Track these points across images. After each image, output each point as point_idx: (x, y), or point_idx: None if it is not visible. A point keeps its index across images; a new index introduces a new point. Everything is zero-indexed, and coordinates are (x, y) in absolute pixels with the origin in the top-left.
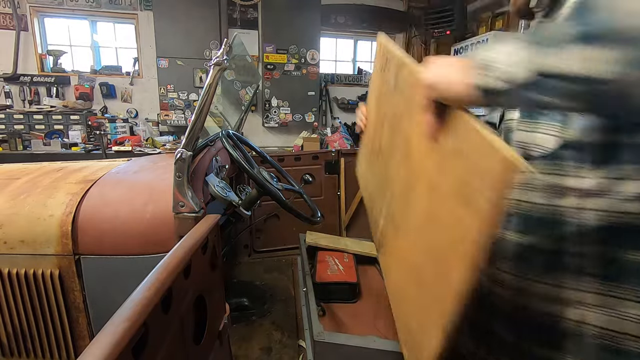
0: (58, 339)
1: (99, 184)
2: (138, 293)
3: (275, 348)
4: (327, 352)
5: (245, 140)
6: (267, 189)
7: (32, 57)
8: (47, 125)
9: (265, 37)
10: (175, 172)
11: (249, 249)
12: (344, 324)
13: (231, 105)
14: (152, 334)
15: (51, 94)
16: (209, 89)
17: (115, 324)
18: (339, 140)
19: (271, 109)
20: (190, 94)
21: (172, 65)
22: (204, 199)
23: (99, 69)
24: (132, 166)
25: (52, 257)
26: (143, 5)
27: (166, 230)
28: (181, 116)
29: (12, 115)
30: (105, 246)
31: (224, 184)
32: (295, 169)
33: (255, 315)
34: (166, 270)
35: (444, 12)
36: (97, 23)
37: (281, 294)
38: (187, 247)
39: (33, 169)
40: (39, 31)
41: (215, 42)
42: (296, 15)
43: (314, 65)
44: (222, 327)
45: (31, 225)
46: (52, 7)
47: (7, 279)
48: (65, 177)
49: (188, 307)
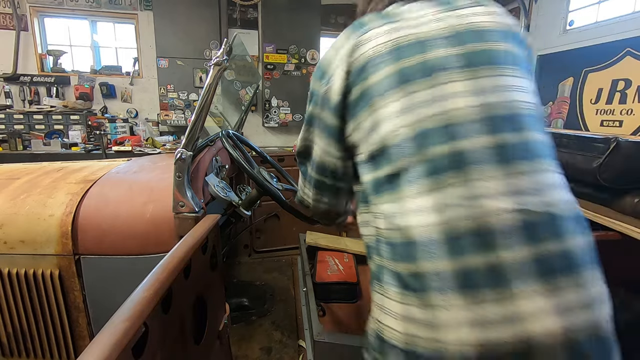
0: (58, 339)
1: (99, 184)
2: (138, 293)
3: (275, 348)
4: (327, 352)
5: (245, 140)
6: (267, 189)
7: (32, 57)
8: (47, 125)
9: (265, 37)
10: (175, 172)
11: (249, 249)
12: (344, 324)
13: (231, 105)
14: (152, 334)
15: (51, 94)
16: (209, 89)
17: (115, 324)
18: None
19: (271, 109)
20: (190, 94)
21: (172, 65)
22: (204, 199)
23: (99, 69)
24: (132, 166)
25: (52, 257)
26: (143, 5)
27: (166, 230)
28: (181, 116)
29: (12, 115)
30: (105, 246)
31: (224, 184)
32: (295, 169)
33: (255, 315)
34: (166, 270)
35: None
36: (97, 23)
37: (281, 294)
38: (187, 247)
39: (33, 169)
40: (39, 31)
41: (215, 42)
42: (296, 15)
43: (314, 65)
44: (222, 327)
45: (31, 225)
46: (52, 7)
47: (7, 279)
48: (65, 177)
49: (188, 307)
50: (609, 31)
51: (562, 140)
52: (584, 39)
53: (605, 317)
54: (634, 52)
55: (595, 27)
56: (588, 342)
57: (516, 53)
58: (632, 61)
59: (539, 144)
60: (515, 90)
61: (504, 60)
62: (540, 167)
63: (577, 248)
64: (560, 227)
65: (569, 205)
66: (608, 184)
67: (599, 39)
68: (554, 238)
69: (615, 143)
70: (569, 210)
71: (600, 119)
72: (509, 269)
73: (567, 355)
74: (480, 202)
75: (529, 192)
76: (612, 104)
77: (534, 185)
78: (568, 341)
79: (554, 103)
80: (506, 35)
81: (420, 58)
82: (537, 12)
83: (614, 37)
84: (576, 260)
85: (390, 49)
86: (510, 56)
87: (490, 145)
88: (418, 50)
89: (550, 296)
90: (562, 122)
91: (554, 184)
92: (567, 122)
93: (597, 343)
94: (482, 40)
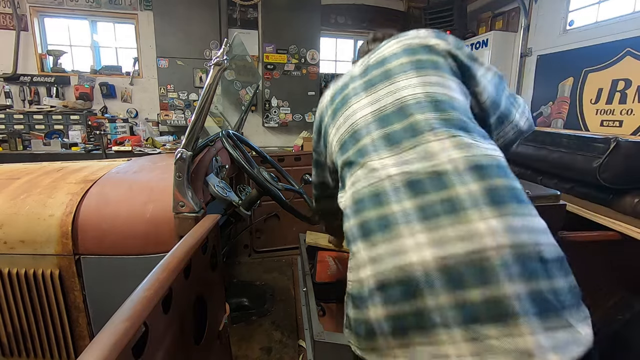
0: (58, 339)
1: (99, 184)
2: (138, 293)
3: (275, 348)
4: (327, 352)
5: (245, 140)
6: (267, 189)
7: (32, 57)
8: (47, 125)
9: (265, 37)
10: (176, 172)
11: (249, 249)
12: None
13: (231, 105)
14: (152, 334)
15: (51, 94)
16: (209, 89)
17: (115, 323)
18: None
19: (271, 109)
20: (190, 94)
21: (172, 65)
22: (204, 199)
23: (99, 69)
24: (132, 166)
25: (52, 257)
26: (143, 5)
27: (166, 230)
28: (181, 116)
29: (12, 115)
30: (105, 246)
31: (224, 184)
32: (295, 169)
33: (255, 315)
34: (166, 270)
35: (444, 12)
36: (97, 23)
37: (281, 294)
38: (187, 247)
39: (33, 169)
40: (39, 31)
41: (215, 42)
42: (296, 15)
43: (314, 65)
44: (222, 327)
45: (31, 225)
46: (52, 7)
47: (7, 279)
48: (65, 177)
49: (188, 307)
50: (609, 31)
51: (562, 140)
52: (584, 39)
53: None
54: (634, 52)
55: (595, 27)
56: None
57: (423, 60)
58: (632, 61)
59: (421, 122)
60: (406, 88)
61: (399, 70)
62: (420, 139)
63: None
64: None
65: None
66: (608, 184)
67: (599, 39)
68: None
69: (615, 143)
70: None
71: (600, 119)
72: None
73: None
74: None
75: (413, 161)
76: (612, 104)
77: (418, 155)
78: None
79: (554, 103)
80: (412, 52)
81: (342, 95)
82: (537, 12)
83: (614, 37)
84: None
85: (331, 95)
86: (408, 65)
87: (382, 135)
88: (343, 89)
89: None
90: (562, 122)
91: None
92: (567, 122)
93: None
94: (382, 65)
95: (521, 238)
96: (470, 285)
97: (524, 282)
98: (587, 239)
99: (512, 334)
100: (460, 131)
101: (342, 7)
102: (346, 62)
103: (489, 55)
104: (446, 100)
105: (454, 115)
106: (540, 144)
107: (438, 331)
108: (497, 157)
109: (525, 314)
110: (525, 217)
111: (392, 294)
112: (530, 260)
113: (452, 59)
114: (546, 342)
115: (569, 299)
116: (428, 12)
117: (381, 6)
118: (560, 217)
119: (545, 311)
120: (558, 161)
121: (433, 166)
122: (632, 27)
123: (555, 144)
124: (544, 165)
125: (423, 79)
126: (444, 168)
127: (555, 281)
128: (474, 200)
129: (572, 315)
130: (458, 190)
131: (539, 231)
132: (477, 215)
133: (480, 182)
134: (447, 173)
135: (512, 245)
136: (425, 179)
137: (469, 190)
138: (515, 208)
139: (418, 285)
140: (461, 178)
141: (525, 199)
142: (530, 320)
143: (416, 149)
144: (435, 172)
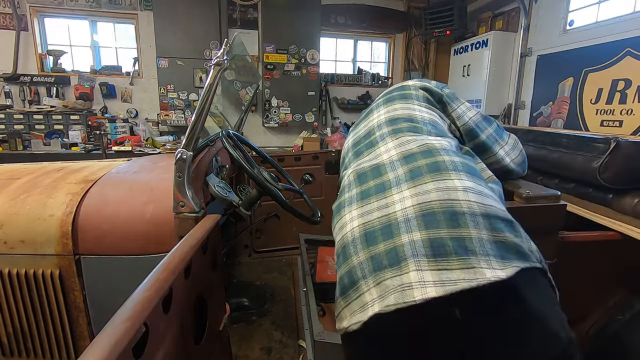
0: (58, 339)
1: (99, 184)
2: (138, 293)
3: (275, 348)
4: (327, 352)
5: (246, 140)
6: (267, 189)
7: (32, 57)
8: (47, 125)
9: (265, 37)
10: (176, 172)
11: (249, 249)
12: None
13: (231, 105)
14: (152, 334)
15: (51, 94)
16: (209, 89)
17: (116, 324)
18: (339, 140)
19: (271, 109)
20: (190, 94)
21: (172, 65)
22: (204, 199)
23: (99, 69)
24: (132, 166)
25: (52, 257)
26: (143, 5)
27: (166, 230)
28: (181, 116)
29: (12, 115)
30: (105, 246)
31: (224, 184)
32: (295, 169)
33: (255, 315)
34: (166, 270)
35: (444, 12)
36: (97, 23)
37: (281, 294)
38: (188, 247)
39: (33, 169)
40: (39, 31)
41: (215, 42)
42: (296, 15)
43: (314, 65)
44: (222, 327)
45: (31, 225)
46: (52, 7)
47: (7, 279)
48: (65, 177)
49: (188, 307)
50: (609, 31)
51: (562, 140)
52: (584, 39)
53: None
54: (634, 52)
55: (595, 27)
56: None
57: (394, 95)
58: (632, 61)
59: (377, 137)
60: (375, 119)
61: (375, 107)
62: (374, 148)
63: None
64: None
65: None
66: (608, 184)
67: (599, 39)
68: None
69: (615, 143)
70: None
71: (600, 119)
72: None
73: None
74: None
75: (365, 161)
76: (612, 104)
77: (369, 157)
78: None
79: (554, 103)
80: (389, 99)
81: (354, 138)
82: (537, 12)
83: (614, 37)
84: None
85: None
86: (382, 105)
87: (354, 152)
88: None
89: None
90: (562, 122)
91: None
92: (567, 122)
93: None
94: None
95: (430, 197)
96: (379, 242)
97: (421, 231)
98: (587, 239)
99: (401, 273)
100: (409, 133)
101: (342, 7)
102: (346, 62)
103: (489, 55)
104: (403, 116)
105: (405, 125)
106: (540, 144)
107: (360, 284)
108: (433, 144)
109: (413, 256)
110: (442, 181)
111: (339, 262)
112: (435, 213)
113: (422, 90)
114: (430, 277)
115: (488, 248)
116: (428, 12)
117: (381, 6)
118: (560, 217)
119: (441, 255)
120: (558, 161)
121: (376, 163)
122: (632, 27)
123: (555, 144)
124: (544, 165)
125: (388, 108)
126: (381, 162)
127: (465, 231)
128: (398, 180)
129: (488, 261)
130: (389, 176)
131: (455, 189)
132: (395, 190)
133: (406, 166)
134: (383, 165)
135: (416, 204)
136: (368, 172)
137: (397, 174)
138: (433, 176)
139: (348, 248)
140: (392, 166)
141: (451, 167)
142: (418, 260)
143: (370, 154)
144: (375, 166)
